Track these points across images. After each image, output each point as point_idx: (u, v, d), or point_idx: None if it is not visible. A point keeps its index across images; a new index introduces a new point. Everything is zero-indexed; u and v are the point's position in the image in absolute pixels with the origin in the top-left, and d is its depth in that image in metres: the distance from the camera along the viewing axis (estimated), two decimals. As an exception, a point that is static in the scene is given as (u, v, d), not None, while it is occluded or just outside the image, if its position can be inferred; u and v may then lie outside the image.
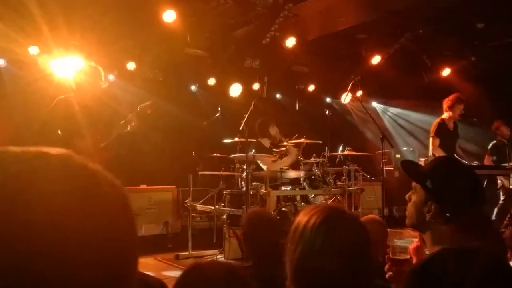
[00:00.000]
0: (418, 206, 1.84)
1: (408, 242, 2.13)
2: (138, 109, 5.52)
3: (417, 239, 2.26)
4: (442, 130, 7.05)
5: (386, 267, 2.09)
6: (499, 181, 7.72)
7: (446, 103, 7.11)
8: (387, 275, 2.08)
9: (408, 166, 1.97)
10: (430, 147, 7.09)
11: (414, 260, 2.18)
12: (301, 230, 1.57)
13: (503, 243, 2.25)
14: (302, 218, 1.62)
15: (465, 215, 1.76)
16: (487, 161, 8.00)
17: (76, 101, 5.29)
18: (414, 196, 1.89)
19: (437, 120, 7.19)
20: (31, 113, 7.63)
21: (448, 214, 1.76)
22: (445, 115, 7.13)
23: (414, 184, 1.90)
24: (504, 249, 2.22)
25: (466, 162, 7.04)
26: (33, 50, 7.56)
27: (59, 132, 5.15)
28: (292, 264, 1.56)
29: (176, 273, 5.68)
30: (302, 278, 1.54)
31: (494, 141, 8.11)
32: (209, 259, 6.07)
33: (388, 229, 2.44)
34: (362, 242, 1.56)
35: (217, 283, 1.52)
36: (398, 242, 2.14)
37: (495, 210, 7.70)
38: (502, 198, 7.73)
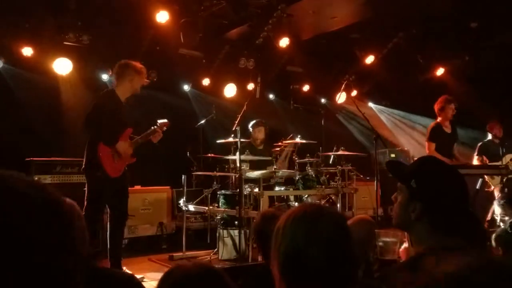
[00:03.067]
0: (403, 206, 1.85)
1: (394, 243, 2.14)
2: (158, 125, 5.59)
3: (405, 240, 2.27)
4: (437, 134, 7.08)
5: (375, 267, 2.09)
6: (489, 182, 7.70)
7: (436, 106, 7.16)
8: (375, 275, 2.09)
9: (393, 167, 1.98)
10: (427, 152, 7.11)
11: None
12: (283, 227, 1.60)
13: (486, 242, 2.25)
14: (283, 218, 1.65)
15: (450, 214, 1.77)
16: (477, 161, 7.96)
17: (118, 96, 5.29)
18: (399, 196, 1.90)
19: (432, 124, 7.23)
20: (38, 112, 7.66)
21: (432, 214, 1.77)
22: (439, 118, 7.16)
23: (399, 184, 1.90)
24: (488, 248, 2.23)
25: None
26: (27, 51, 7.53)
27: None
28: (278, 261, 1.58)
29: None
30: (289, 273, 1.56)
31: (484, 141, 8.06)
32: (196, 260, 6.06)
33: (384, 229, 2.43)
34: (343, 236, 1.59)
35: (197, 283, 1.55)
36: (386, 239, 2.14)
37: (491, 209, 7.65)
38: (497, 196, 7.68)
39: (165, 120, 5.70)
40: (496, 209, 4.01)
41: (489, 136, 8.06)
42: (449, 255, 1.66)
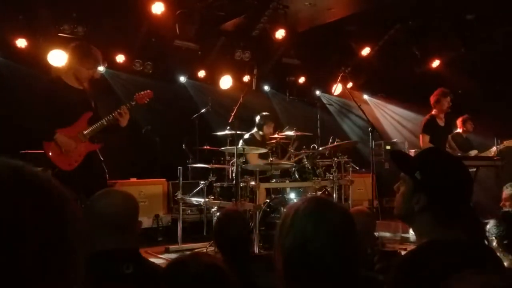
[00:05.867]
0: (406, 197, 1.83)
1: (397, 236, 2.13)
2: (134, 98, 5.22)
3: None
4: (431, 127, 7.08)
5: (375, 259, 2.09)
6: None
7: (432, 99, 7.15)
8: (376, 267, 2.08)
9: (397, 157, 1.96)
10: (421, 144, 7.12)
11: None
12: (291, 220, 1.57)
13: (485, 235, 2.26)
14: (290, 210, 1.62)
15: (453, 207, 1.76)
16: None
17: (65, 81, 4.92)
18: (402, 187, 1.89)
19: (426, 116, 7.22)
20: (30, 105, 7.58)
21: (436, 206, 1.76)
22: (434, 111, 7.16)
23: (402, 174, 1.89)
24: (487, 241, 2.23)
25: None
26: (21, 42, 7.47)
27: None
28: (282, 254, 1.57)
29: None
30: (293, 267, 1.54)
31: (452, 135, 7.99)
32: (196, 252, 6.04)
33: (379, 221, 2.42)
34: (349, 229, 1.58)
35: (198, 277, 1.54)
36: (387, 234, 2.14)
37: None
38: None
39: (144, 92, 5.29)
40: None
41: (458, 129, 8.07)
42: (450, 249, 1.66)
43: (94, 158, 4.99)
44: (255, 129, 7.51)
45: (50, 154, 4.79)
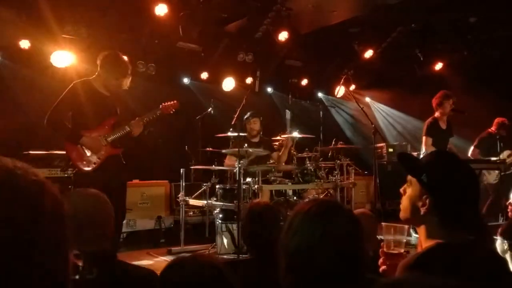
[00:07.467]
0: (413, 200, 1.83)
1: (403, 239, 2.12)
2: (160, 108, 5.29)
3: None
4: (433, 129, 7.08)
5: (380, 261, 2.08)
6: (484, 177, 7.70)
7: (434, 101, 7.14)
8: (381, 269, 2.07)
9: (404, 159, 1.95)
10: (423, 147, 7.11)
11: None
12: (299, 221, 1.57)
13: (491, 238, 2.25)
14: (299, 211, 1.62)
15: (460, 210, 1.76)
16: (473, 153, 7.92)
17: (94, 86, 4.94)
18: (409, 190, 1.88)
19: (429, 119, 7.22)
20: (33, 106, 7.59)
21: (442, 209, 1.75)
22: (436, 113, 7.15)
23: (409, 177, 1.88)
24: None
25: None
26: (24, 44, 7.47)
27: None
28: (287, 253, 1.56)
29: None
30: (298, 268, 1.54)
31: (482, 134, 7.99)
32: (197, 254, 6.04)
33: (384, 223, 2.39)
34: (357, 234, 1.58)
35: (198, 277, 1.54)
36: (392, 237, 2.13)
37: (487, 203, 7.66)
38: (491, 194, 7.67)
39: (171, 102, 5.41)
40: None
41: (490, 130, 8.01)
42: (455, 252, 1.66)
43: (114, 161, 5.02)
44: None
45: (72, 155, 4.86)
